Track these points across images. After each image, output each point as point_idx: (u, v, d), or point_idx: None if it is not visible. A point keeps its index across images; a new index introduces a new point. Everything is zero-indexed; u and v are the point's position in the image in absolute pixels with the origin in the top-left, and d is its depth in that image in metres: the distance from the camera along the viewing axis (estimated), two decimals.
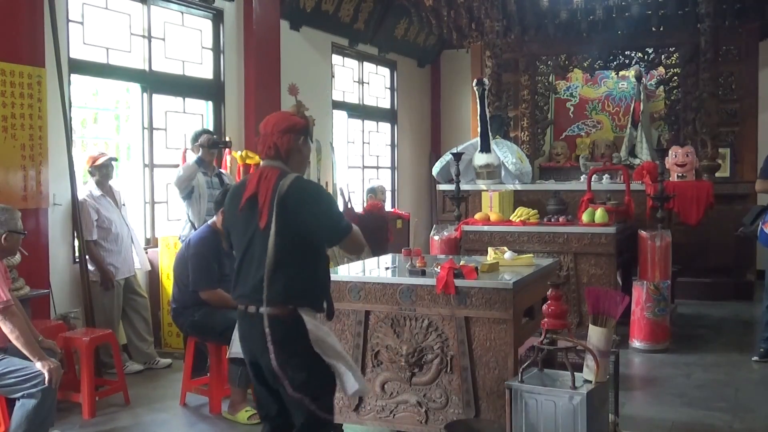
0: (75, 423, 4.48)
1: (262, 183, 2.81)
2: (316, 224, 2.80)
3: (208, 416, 4.62)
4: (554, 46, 9.02)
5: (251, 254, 2.83)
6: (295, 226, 2.76)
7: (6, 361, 3.74)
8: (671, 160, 6.64)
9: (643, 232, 6.02)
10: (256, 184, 2.82)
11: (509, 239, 5.83)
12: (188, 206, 5.59)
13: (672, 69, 8.80)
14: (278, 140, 2.87)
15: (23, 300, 4.41)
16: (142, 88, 6.35)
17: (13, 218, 3.88)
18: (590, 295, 3.21)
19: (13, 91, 4.90)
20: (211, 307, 4.58)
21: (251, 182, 2.86)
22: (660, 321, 5.92)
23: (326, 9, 8.58)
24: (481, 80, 7.04)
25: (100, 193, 5.51)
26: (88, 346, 4.61)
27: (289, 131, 2.89)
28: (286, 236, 2.76)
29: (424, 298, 3.66)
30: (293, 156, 2.91)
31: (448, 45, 10.59)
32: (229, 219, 3.05)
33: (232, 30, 7.23)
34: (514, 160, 6.88)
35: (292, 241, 2.77)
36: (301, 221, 2.77)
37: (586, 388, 2.98)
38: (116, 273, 5.52)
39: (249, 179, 2.90)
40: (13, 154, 4.90)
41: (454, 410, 3.65)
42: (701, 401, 4.70)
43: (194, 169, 5.52)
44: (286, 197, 2.75)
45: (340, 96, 9.41)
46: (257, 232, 2.80)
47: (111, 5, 6.03)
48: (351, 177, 9.57)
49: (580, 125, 10.49)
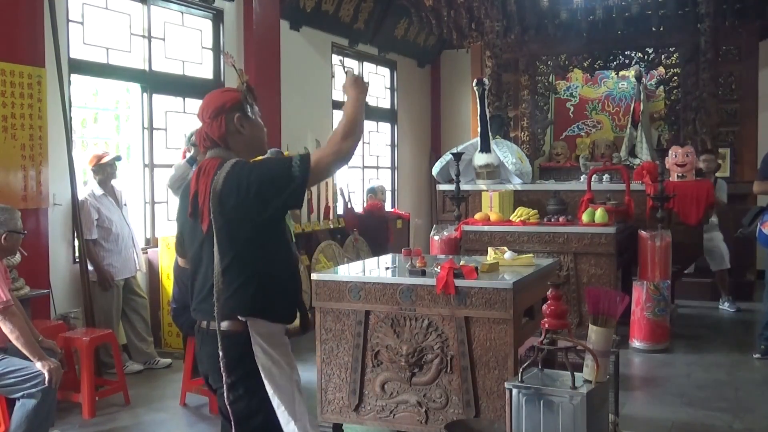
0: (75, 423, 4.49)
1: (201, 180, 2.38)
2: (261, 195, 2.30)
3: (208, 416, 4.62)
4: (554, 46, 9.01)
5: (200, 262, 2.45)
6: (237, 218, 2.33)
7: (6, 361, 3.74)
8: (671, 160, 6.64)
9: (643, 232, 6.02)
10: (196, 182, 2.41)
11: (509, 239, 5.83)
12: None
13: (672, 69, 8.79)
14: (209, 129, 2.46)
15: (23, 300, 4.41)
16: (142, 88, 6.35)
17: (13, 218, 3.88)
18: (590, 295, 3.20)
19: (13, 91, 4.90)
20: None
21: (192, 181, 2.44)
22: (660, 321, 5.92)
23: (326, 9, 8.58)
24: (481, 80, 7.04)
25: (101, 192, 5.51)
26: (88, 346, 4.61)
27: (219, 113, 2.45)
28: (230, 234, 2.34)
29: (424, 298, 3.66)
30: (234, 139, 2.47)
31: (448, 45, 10.59)
32: (181, 225, 2.58)
33: (232, 30, 7.23)
34: (514, 160, 6.88)
35: (238, 239, 2.35)
36: (246, 206, 2.31)
37: (586, 388, 2.97)
38: (116, 273, 5.52)
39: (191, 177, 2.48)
40: (13, 154, 4.90)
41: (454, 410, 3.65)
42: (701, 401, 4.70)
43: (186, 169, 5.40)
44: (223, 187, 2.32)
45: (340, 96, 9.41)
46: (203, 236, 2.39)
47: (111, 5, 6.03)
48: (351, 177, 9.57)
49: (580, 125, 10.49)
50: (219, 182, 2.32)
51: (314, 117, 8.65)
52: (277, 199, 2.31)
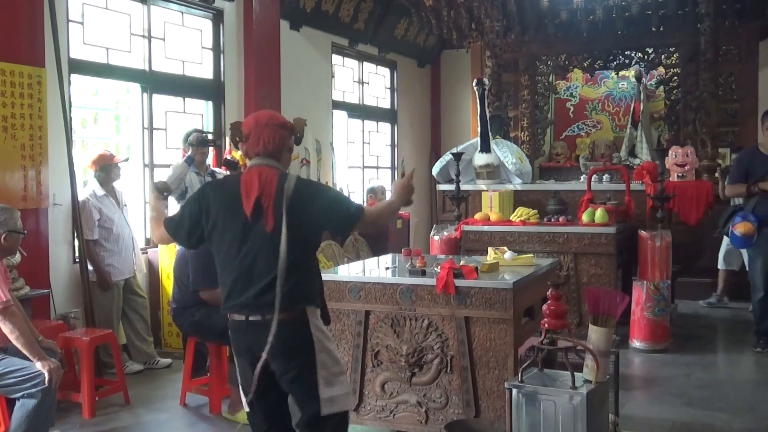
0: (75, 423, 4.48)
1: (265, 185, 2.70)
2: (327, 217, 2.77)
3: (208, 416, 4.62)
4: (554, 46, 9.01)
5: (250, 260, 2.70)
6: (306, 226, 2.72)
7: (6, 361, 3.74)
8: (671, 160, 6.64)
9: (643, 232, 6.02)
10: (258, 185, 2.70)
11: (509, 239, 5.83)
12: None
13: (672, 69, 8.79)
14: (272, 135, 2.78)
15: (23, 300, 4.41)
16: (142, 88, 6.35)
17: (13, 218, 3.87)
18: (590, 295, 3.21)
19: (13, 91, 4.90)
20: (211, 307, 4.58)
21: (252, 183, 2.71)
22: (660, 321, 5.92)
23: (326, 9, 8.58)
24: (481, 80, 7.03)
25: (103, 192, 5.51)
26: (88, 346, 4.61)
27: (284, 128, 2.84)
28: (298, 237, 2.69)
29: (424, 298, 3.66)
30: (284, 154, 2.86)
31: (448, 45, 10.59)
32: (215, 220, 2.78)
33: (232, 30, 7.23)
34: (514, 160, 6.88)
35: (303, 242, 2.74)
36: (313, 219, 2.73)
37: (586, 388, 2.98)
38: (116, 273, 5.52)
39: (245, 180, 2.74)
40: (13, 154, 4.90)
41: (454, 410, 3.65)
42: (701, 401, 4.69)
43: (184, 169, 5.43)
44: (294, 198, 2.69)
45: (340, 96, 9.41)
46: (259, 235, 2.69)
47: (111, 5, 6.03)
48: (351, 177, 9.57)
49: (580, 125, 10.49)
50: (290, 191, 2.69)
51: (314, 117, 8.63)
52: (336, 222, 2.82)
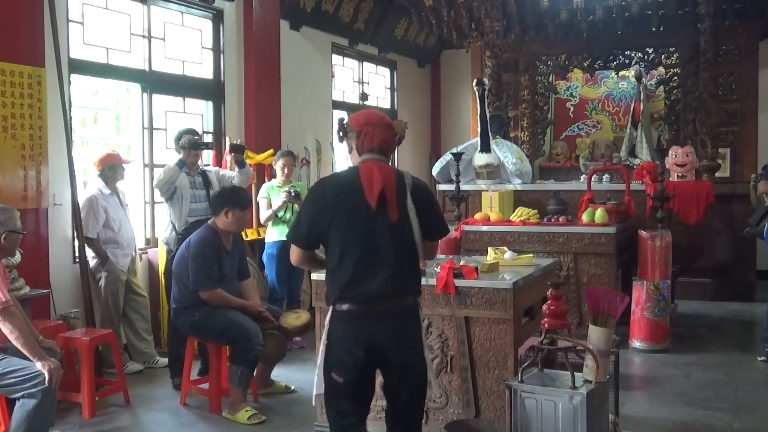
0: (75, 423, 4.48)
1: (386, 179, 2.82)
2: (435, 218, 2.97)
3: (208, 416, 4.62)
4: (554, 46, 9.01)
5: (376, 250, 2.80)
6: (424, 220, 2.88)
7: (6, 361, 3.73)
8: (671, 160, 6.64)
9: (643, 232, 6.02)
10: (380, 179, 2.81)
11: (509, 239, 5.83)
12: (170, 207, 5.41)
13: (672, 69, 8.78)
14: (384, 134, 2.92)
15: (23, 300, 4.41)
16: (142, 88, 6.35)
17: (12, 218, 3.87)
18: (590, 295, 3.21)
19: (13, 91, 4.89)
20: (211, 307, 4.58)
21: (373, 175, 2.81)
22: (660, 321, 5.92)
23: (326, 9, 8.58)
24: (481, 80, 7.04)
25: (109, 191, 5.52)
26: (88, 346, 4.61)
27: (390, 128, 2.98)
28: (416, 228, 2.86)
29: (424, 298, 3.63)
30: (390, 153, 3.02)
31: (448, 45, 10.59)
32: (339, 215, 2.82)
33: (232, 30, 7.23)
34: (514, 160, 6.88)
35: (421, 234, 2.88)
36: (426, 216, 2.90)
37: (586, 388, 2.98)
38: (117, 263, 5.52)
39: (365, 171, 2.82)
40: (13, 154, 4.90)
41: (454, 410, 3.65)
42: (701, 401, 4.70)
43: (175, 172, 5.32)
44: (414, 192, 2.87)
45: (340, 96, 9.41)
46: (385, 225, 2.80)
47: (111, 5, 6.03)
48: None
49: (580, 125, 10.49)
50: (410, 186, 2.88)
51: (314, 117, 8.65)
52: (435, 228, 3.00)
